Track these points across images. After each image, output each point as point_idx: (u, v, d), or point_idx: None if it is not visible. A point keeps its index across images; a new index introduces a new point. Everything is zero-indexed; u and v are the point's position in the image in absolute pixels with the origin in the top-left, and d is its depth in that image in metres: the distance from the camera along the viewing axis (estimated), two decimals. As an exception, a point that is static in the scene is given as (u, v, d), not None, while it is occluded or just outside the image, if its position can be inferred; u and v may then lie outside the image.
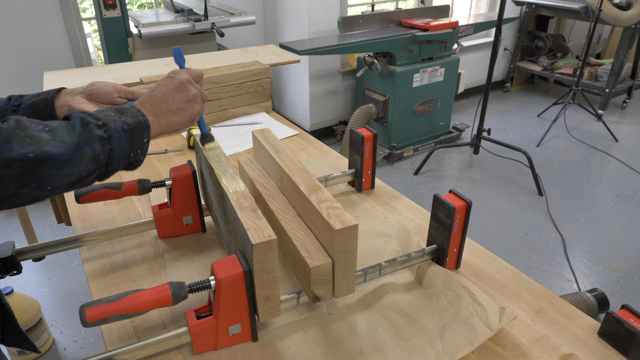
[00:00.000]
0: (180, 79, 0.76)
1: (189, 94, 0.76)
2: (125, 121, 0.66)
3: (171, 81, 0.76)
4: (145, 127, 0.68)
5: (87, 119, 0.63)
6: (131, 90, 0.88)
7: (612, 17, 3.72)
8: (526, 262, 2.45)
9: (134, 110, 0.69)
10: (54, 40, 2.96)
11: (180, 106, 0.75)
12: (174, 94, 0.74)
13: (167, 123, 0.73)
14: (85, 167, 0.61)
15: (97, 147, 0.62)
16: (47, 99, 0.81)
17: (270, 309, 0.72)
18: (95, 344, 1.98)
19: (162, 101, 0.73)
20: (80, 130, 0.61)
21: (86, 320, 0.62)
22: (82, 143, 0.61)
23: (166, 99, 0.74)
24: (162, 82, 0.76)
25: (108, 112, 0.66)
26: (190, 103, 0.76)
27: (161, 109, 0.73)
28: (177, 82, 0.75)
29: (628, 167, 3.36)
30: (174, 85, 0.75)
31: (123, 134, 0.65)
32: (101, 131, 0.63)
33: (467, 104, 4.59)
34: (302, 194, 0.79)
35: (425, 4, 4.02)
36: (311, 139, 1.49)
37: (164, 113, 0.73)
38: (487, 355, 0.74)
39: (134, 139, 0.67)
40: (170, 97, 0.74)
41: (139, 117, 0.68)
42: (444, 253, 0.88)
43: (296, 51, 2.83)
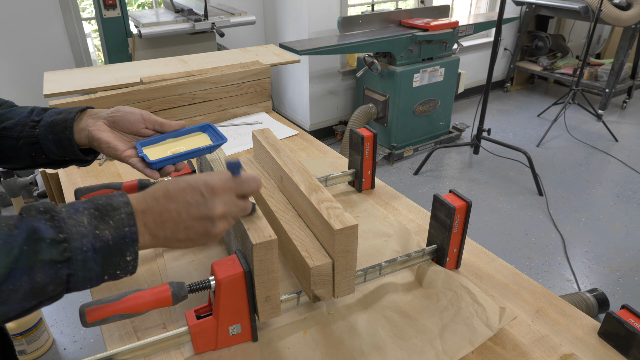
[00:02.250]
0: (213, 209, 0.55)
1: (212, 232, 0.56)
2: (101, 236, 0.48)
3: (199, 204, 0.55)
4: (130, 242, 0.50)
5: (40, 231, 0.45)
6: (160, 121, 0.77)
7: (612, 17, 3.72)
8: (526, 262, 2.45)
9: (123, 212, 0.51)
10: (54, 40, 2.96)
11: (192, 237, 0.56)
12: (192, 223, 0.55)
13: (164, 245, 0.56)
14: (15, 306, 0.44)
15: (42, 277, 0.45)
16: (67, 120, 0.73)
17: (270, 309, 0.72)
18: (95, 344, 1.98)
19: (171, 225, 0.54)
20: (20, 250, 0.44)
21: (86, 320, 0.62)
22: (18, 270, 0.43)
23: (178, 224, 0.54)
24: (189, 195, 0.55)
25: (83, 214, 0.49)
26: (206, 239, 0.57)
27: (164, 234, 0.54)
28: (206, 211, 0.55)
29: (628, 167, 3.36)
30: (200, 213, 0.55)
31: (92, 254, 0.48)
32: (56, 251, 0.46)
33: (467, 104, 4.59)
34: (302, 194, 0.79)
35: (425, 4, 4.02)
36: (311, 139, 1.49)
37: (165, 239, 0.55)
38: (487, 355, 0.74)
39: (109, 258, 0.49)
40: (185, 225, 0.54)
41: (124, 229, 0.50)
42: (444, 253, 0.88)
43: (296, 51, 2.83)
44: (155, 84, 1.44)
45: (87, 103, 1.35)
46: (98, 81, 1.62)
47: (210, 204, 0.55)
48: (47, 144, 0.74)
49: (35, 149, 0.75)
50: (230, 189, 0.58)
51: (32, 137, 0.74)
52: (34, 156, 0.76)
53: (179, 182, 0.56)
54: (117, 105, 1.38)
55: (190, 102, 1.50)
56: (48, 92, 1.52)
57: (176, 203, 0.54)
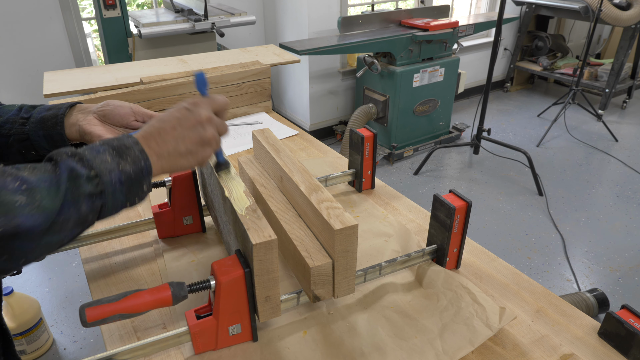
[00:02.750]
0: (199, 115, 0.64)
1: (205, 136, 0.64)
2: (124, 169, 0.56)
3: (187, 115, 0.64)
4: (146, 173, 0.58)
5: (76, 169, 0.52)
6: (149, 113, 0.81)
7: (612, 17, 3.72)
8: (526, 262, 2.45)
9: (136, 150, 0.58)
10: (54, 40, 2.96)
11: (191, 148, 0.63)
12: (187, 133, 0.63)
13: (170, 165, 0.62)
14: (68, 233, 0.52)
15: (85, 207, 0.53)
16: (57, 116, 0.75)
17: (270, 309, 0.72)
18: (95, 344, 1.98)
19: (170, 139, 0.62)
20: (66, 187, 0.51)
21: (86, 320, 0.62)
22: (66, 204, 0.51)
23: (176, 137, 0.62)
24: (176, 112, 0.64)
25: (104, 154, 0.56)
26: (203, 146, 0.65)
27: (167, 149, 0.61)
28: (193, 118, 0.63)
29: (628, 167, 3.36)
30: (190, 122, 0.63)
31: (119, 186, 0.55)
32: (92, 186, 0.53)
33: (467, 104, 4.59)
34: (302, 194, 0.79)
35: (425, 4, 4.02)
36: (311, 139, 1.49)
37: (169, 154, 0.62)
38: (487, 355, 0.74)
39: (131, 189, 0.57)
40: (181, 136, 0.62)
41: (141, 163, 0.58)
42: (444, 253, 0.88)
43: (296, 51, 2.83)
44: (155, 84, 1.44)
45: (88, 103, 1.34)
46: (98, 81, 1.62)
47: (196, 111, 0.64)
48: (37, 140, 0.75)
49: (25, 145, 0.75)
50: (207, 102, 0.66)
51: (23, 134, 0.74)
52: (24, 153, 0.76)
53: (167, 110, 0.66)
54: (117, 105, 1.38)
55: (190, 102, 1.50)
56: (48, 92, 1.52)
57: (169, 122, 0.63)
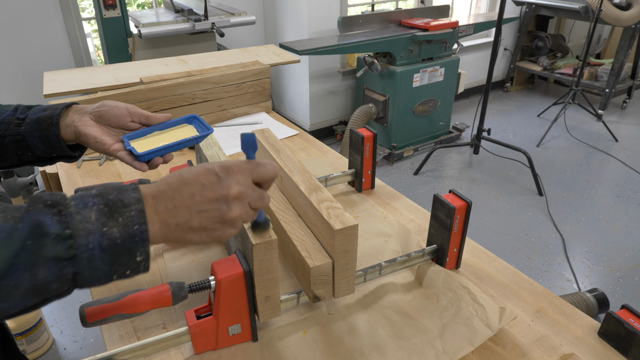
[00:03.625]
0: (228, 189, 0.52)
1: (227, 216, 0.52)
2: (109, 233, 0.45)
3: (215, 184, 0.51)
4: (140, 241, 0.47)
5: (44, 226, 0.43)
6: (146, 114, 0.77)
7: (612, 17, 3.72)
8: (526, 262, 2.45)
9: (133, 209, 0.47)
10: (54, 40, 2.96)
11: (206, 225, 0.52)
12: (206, 206, 0.51)
13: (176, 238, 0.52)
14: (16, 303, 0.42)
15: (45, 274, 0.42)
16: (52, 117, 0.73)
17: (270, 309, 0.72)
18: (95, 344, 1.98)
19: (184, 209, 0.50)
20: (22, 243, 0.41)
21: (86, 320, 0.62)
22: (20, 266, 0.41)
23: (191, 208, 0.50)
24: (203, 175, 0.52)
25: (92, 210, 0.46)
26: (224, 225, 0.53)
27: (176, 220, 0.50)
28: (220, 191, 0.51)
29: (628, 167, 3.36)
30: (214, 194, 0.51)
31: (99, 252, 0.45)
32: (60, 248, 0.43)
33: (467, 104, 4.59)
34: (302, 194, 0.79)
35: (425, 4, 4.02)
36: (311, 139, 1.49)
37: (177, 226, 0.50)
38: (487, 355, 0.74)
39: (118, 258, 0.46)
40: (198, 207, 0.51)
41: (134, 227, 0.47)
42: (444, 253, 0.88)
43: (296, 51, 2.83)
44: (155, 84, 1.44)
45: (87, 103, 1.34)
46: (98, 81, 1.62)
47: (225, 183, 0.52)
48: (33, 141, 0.74)
49: (21, 146, 0.75)
50: (246, 170, 0.54)
51: (18, 134, 0.74)
52: (20, 154, 0.76)
53: (194, 167, 0.53)
54: (117, 105, 1.38)
55: (190, 102, 1.50)
56: (48, 92, 1.52)
57: (190, 186, 0.51)
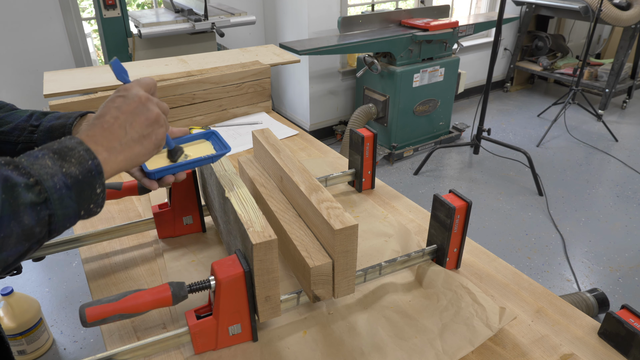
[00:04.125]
0: (137, 96, 0.60)
1: (151, 115, 0.60)
2: (68, 172, 0.50)
3: (124, 101, 0.59)
4: (96, 174, 0.52)
5: (12, 178, 0.46)
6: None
7: (612, 17, 3.72)
8: (526, 262, 2.45)
9: (80, 150, 0.52)
10: (54, 40, 2.96)
11: (142, 132, 0.59)
12: (132, 118, 0.59)
13: (127, 158, 0.58)
14: (12, 251, 0.46)
15: (29, 219, 0.46)
16: (65, 126, 0.72)
17: (270, 309, 0.72)
18: (95, 344, 1.98)
19: (117, 128, 0.57)
20: (1, 198, 0.44)
21: (86, 320, 0.62)
22: (5, 217, 0.44)
23: (122, 124, 0.57)
24: (112, 103, 0.59)
25: (44, 158, 0.50)
26: (153, 126, 0.61)
27: (118, 140, 0.57)
28: (132, 101, 0.59)
29: (628, 167, 3.36)
30: (131, 106, 0.59)
31: (66, 191, 0.49)
32: (33, 194, 0.47)
33: (467, 104, 4.59)
34: (302, 194, 0.79)
35: (425, 4, 4.02)
36: (311, 139, 1.49)
37: (122, 145, 0.57)
38: (487, 355, 0.74)
39: (82, 193, 0.51)
40: (127, 121, 0.58)
41: (88, 162, 0.52)
42: (444, 253, 0.88)
43: (296, 51, 2.83)
44: (155, 84, 1.43)
45: (88, 103, 1.35)
46: (98, 81, 1.62)
47: (130, 95, 0.60)
48: None
49: None
50: (135, 84, 0.63)
51: (31, 142, 0.73)
52: None
53: (100, 106, 0.61)
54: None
55: (190, 102, 1.50)
56: (48, 92, 1.52)
57: (108, 113, 0.58)
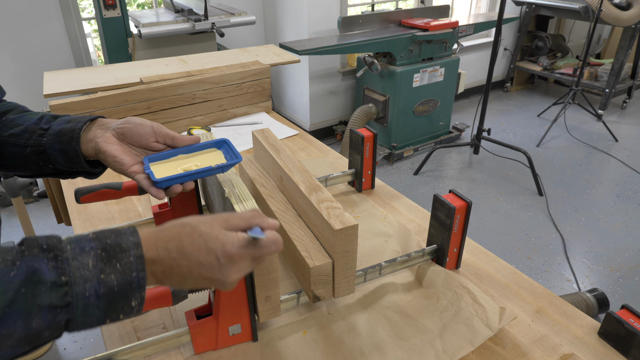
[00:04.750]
0: (226, 277, 0.52)
1: (223, 278, 0.52)
2: (106, 281, 0.45)
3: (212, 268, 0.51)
4: (137, 288, 0.47)
5: (40, 273, 0.41)
6: (172, 135, 0.73)
7: (612, 17, 3.72)
8: (526, 262, 2.45)
9: (132, 255, 0.47)
10: (54, 40, 2.96)
11: (199, 285, 0.53)
12: (201, 281, 0.52)
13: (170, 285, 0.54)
14: (7, 352, 0.41)
15: (39, 322, 0.41)
16: (74, 130, 0.69)
17: (270, 309, 0.72)
18: (95, 344, 1.98)
19: (179, 278, 0.51)
20: (15, 293, 0.40)
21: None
22: (12, 314, 0.40)
23: (186, 279, 0.51)
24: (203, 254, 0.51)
25: (87, 256, 0.45)
26: (215, 284, 0.53)
27: (170, 283, 0.52)
28: (217, 277, 0.52)
29: (628, 167, 3.36)
30: (211, 276, 0.52)
31: (94, 300, 0.44)
32: (56, 296, 0.42)
33: (467, 104, 4.59)
34: (302, 194, 0.79)
35: (425, 4, 4.02)
36: (311, 139, 1.49)
37: (171, 284, 0.52)
38: (487, 355, 0.74)
39: (113, 304, 0.46)
40: (193, 281, 0.52)
41: (132, 274, 0.47)
42: (444, 253, 0.88)
43: (296, 51, 2.83)
44: (155, 84, 1.44)
45: (88, 103, 1.35)
46: (98, 81, 1.62)
47: (225, 271, 0.52)
48: (53, 154, 0.70)
49: (42, 158, 0.71)
50: (249, 256, 0.54)
51: (40, 145, 0.70)
52: (41, 165, 0.72)
53: (195, 238, 0.52)
54: (117, 104, 1.38)
55: (190, 102, 1.50)
56: (48, 92, 1.53)
57: (188, 261, 0.51)
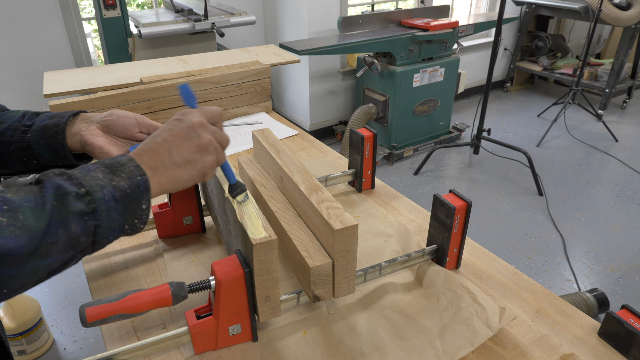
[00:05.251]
0: (190, 121, 0.61)
1: (200, 141, 0.60)
2: (118, 185, 0.52)
3: (178, 125, 0.61)
4: (144, 190, 0.54)
5: (64, 186, 0.48)
6: (155, 125, 0.78)
7: (612, 17, 3.72)
8: (526, 262, 2.45)
9: (131, 166, 0.54)
10: (54, 40, 2.96)
11: (187, 157, 0.60)
12: (180, 142, 0.59)
13: (170, 179, 0.58)
14: (57, 257, 0.47)
15: (76, 227, 0.48)
16: (59, 125, 0.72)
17: (270, 309, 0.72)
18: (95, 344, 1.98)
19: (164, 151, 0.58)
20: (52, 205, 0.47)
21: (86, 320, 0.62)
22: (53, 224, 0.46)
23: (169, 147, 0.59)
24: (167, 125, 0.61)
25: (96, 171, 0.52)
26: (201, 153, 0.61)
27: (162, 161, 0.58)
28: (185, 126, 0.60)
29: (628, 167, 3.36)
30: (181, 130, 0.60)
31: (114, 203, 0.51)
32: (82, 204, 0.49)
33: (467, 104, 4.59)
34: (302, 194, 0.79)
35: (425, 4, 4.02)
36: (311, 139, 1.49)
37: (165, 166, 0.58)
38: (487, 355, 0.74)
39: (128, 207, 0.53)
40: (175, 145, 0.59)
41: (137, 178, 0.54)
42: (444, 253, 0.88)
43: (296, 51, 2.83)
44: (155, 84, 1.44)
45: (88, 103, 1.35)
46: (98, 81, 1.62)
47: (186, 118, 0.61)
48: (38, 149, 0.73)
49: (26, 154, 0.73)
50: (197, 111, 0.63)
51: (24, 142, 0.72)
52: (25, 162, 0.74)
53: (159, 130, 0.62)
54: (117, 105, 1.38)
55: (190, 102, 1.50)
56: (48, 92, 1.52)
57: (160, 134, 0.60)
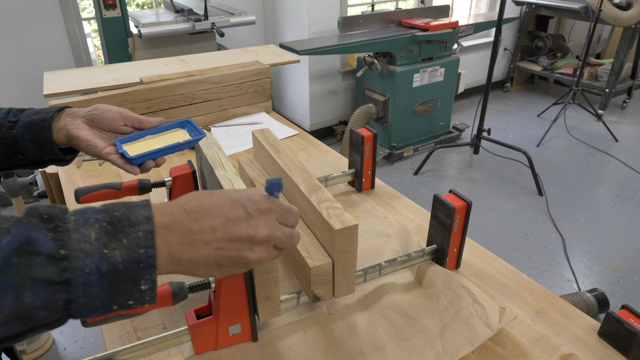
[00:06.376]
0: (256, 229, 0.46)
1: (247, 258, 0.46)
2: (109, 256, 0.39)
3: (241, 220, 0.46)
4: (145, 267, 0.41)
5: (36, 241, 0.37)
6: (139, 118, 0.78)
7: (612, 17, 3.72)
8: (526, 262, 2.45)
9: (139, 232, 0.41)
10: (54, 40, 2.96)
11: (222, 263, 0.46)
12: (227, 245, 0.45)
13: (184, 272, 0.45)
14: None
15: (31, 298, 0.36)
16: (45, 120, 0.73)
17: (270, 309, 0.72)
18: (95, 344, 1.98)
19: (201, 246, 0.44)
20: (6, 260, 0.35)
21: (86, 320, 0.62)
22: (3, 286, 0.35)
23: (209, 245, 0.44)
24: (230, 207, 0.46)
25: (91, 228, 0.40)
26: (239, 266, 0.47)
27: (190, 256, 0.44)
28: (246, 231, 0.45)
29: (628, 167, 3.36)
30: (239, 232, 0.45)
31: (96, 277, 0.38)
32: (52, 270, 0.37)
33: (467, 104, 4.59)
34: (302, 194, 0.79)
35: (425, 4, 4.02)
36: (311, 139, 1.49)
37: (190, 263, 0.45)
38: (487, 355, 0.74)
39: (118, 286, 0.40)
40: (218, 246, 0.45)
41: (140, 251, 0.40)
42: (444, 253, 0.88)
43: (296, 51, 2.83)
44: (155, 84, 1.44)
45: (88, 103, 1.35)
46: (98, 81, 1.62)
47: (254, 222, 0.46)
48: (25, 145, 0.74)
49: (13, 149, 0.75)
50: (274, 211, 0.49)
51: (10, 137, 0.74)
52: (11, 157, 0.76)
53: (216, 195, 0.46)
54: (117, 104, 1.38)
55: (190, 102, 1.50)
56: (48, 92, 1.52)
57: (212, 218, 0.45)
